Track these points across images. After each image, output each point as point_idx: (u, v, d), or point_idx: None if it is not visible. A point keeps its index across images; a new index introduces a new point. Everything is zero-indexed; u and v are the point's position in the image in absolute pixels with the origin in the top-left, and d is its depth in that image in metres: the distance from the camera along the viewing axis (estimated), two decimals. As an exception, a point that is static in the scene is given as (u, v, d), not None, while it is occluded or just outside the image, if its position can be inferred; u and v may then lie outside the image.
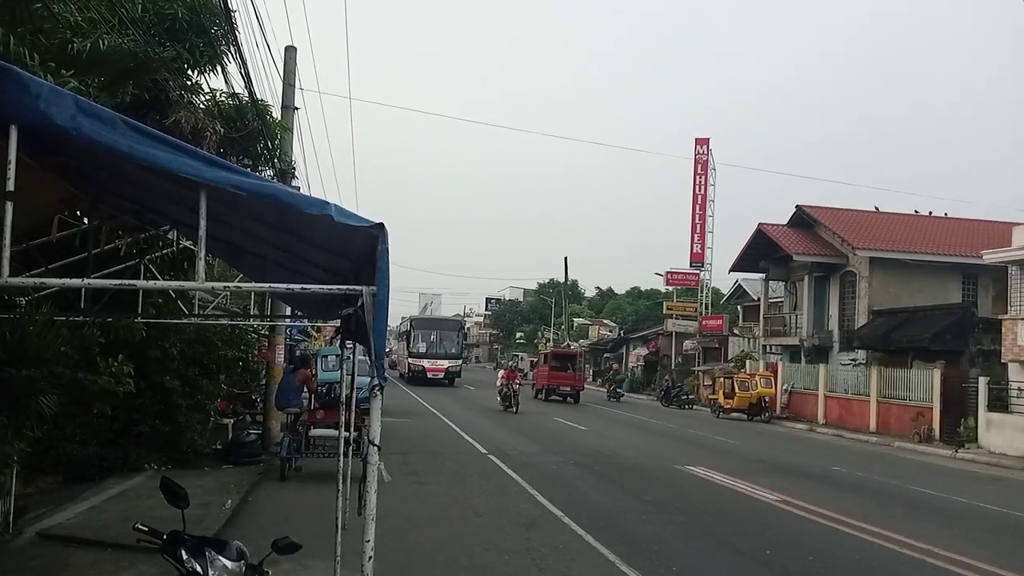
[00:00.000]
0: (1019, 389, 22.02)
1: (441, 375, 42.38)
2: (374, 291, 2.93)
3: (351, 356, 6.73)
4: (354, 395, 7.84)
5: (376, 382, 2.95)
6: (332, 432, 11.61)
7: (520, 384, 28.47)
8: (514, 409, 26.70)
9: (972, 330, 26.81)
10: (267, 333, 16.54)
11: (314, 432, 12.57)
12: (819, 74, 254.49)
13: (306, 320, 15.47)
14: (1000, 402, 22.46)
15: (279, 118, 14.76)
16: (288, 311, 14.22)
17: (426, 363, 42.55)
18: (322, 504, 9.18)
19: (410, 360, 43.62)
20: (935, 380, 24.80)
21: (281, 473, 12.16)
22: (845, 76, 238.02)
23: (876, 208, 38.21)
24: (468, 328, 52.36)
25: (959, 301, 31.05)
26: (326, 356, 17.92)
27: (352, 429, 8.61)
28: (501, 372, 31.11)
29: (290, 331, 22.24)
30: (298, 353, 19.36)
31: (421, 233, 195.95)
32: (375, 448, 3.08)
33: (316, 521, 8.33)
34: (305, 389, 13.20)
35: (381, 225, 2.87)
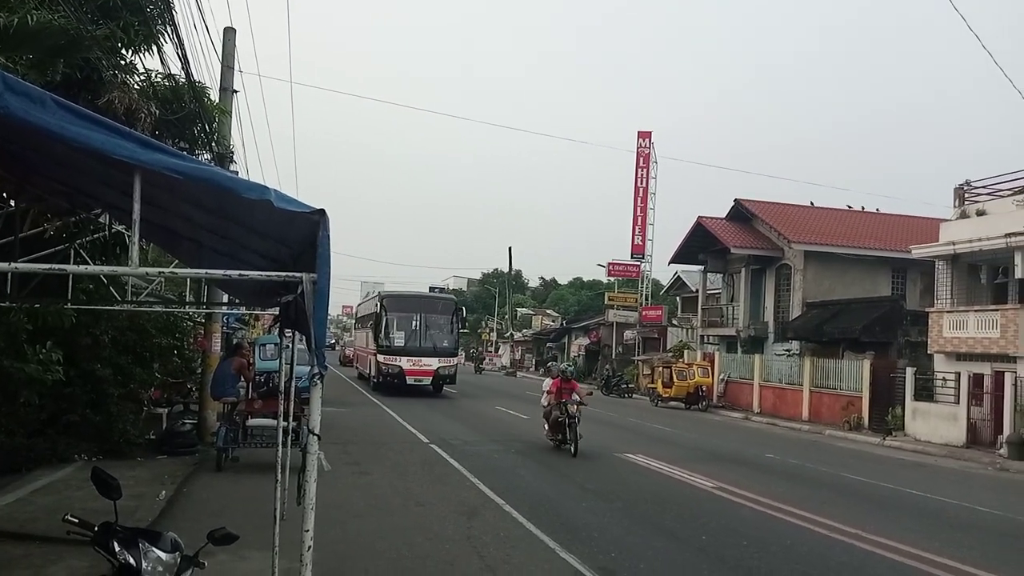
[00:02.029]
0: (943, 379, 22.91)
1: (427, 380, 28.05)
2: (314, 278, 2.89)
3: (290, 345, 6.63)
4: (293, 384, 7.73)
5: (316, 371, 2.92)
6: (270, 422, 11.45)
7: (582, 402, 16.05)
8: (572, 449, 15.12)
9: (900, 322, 27.80)
10: (203, 321, 16.19)
11: (252, 422, 12.38)
12: (770, 78, 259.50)
13: (243, 308, 15.19)
14: (926, 392, 23.37)
15: (217, 101, 14.41)
16: (225, 298, 13.93)
17: (405, 362, 27.95)
18: (260, 495, 9.04)
19: (380, 357, 28.42)
20: (865, 370, 25.65)
21: (217, 463, 11.94)
22: (790, 84, 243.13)
23: (811, 203, 39.22)
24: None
25: (889, 294, 32.13)
26: (264, 345, 17.63)
27: (291, 419, 8.51)
28: (548, 381, 17.53)
29: (227, 319, 21.79)
30: (235, 341, 18.98)
31: (364, 221, 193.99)
32: (315, 437, 3.05)
33: (254, 512, 8.20)
34: (242, 378, 12.97)
35: (322, 211, 2.83)
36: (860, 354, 27.12)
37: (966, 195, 24.83)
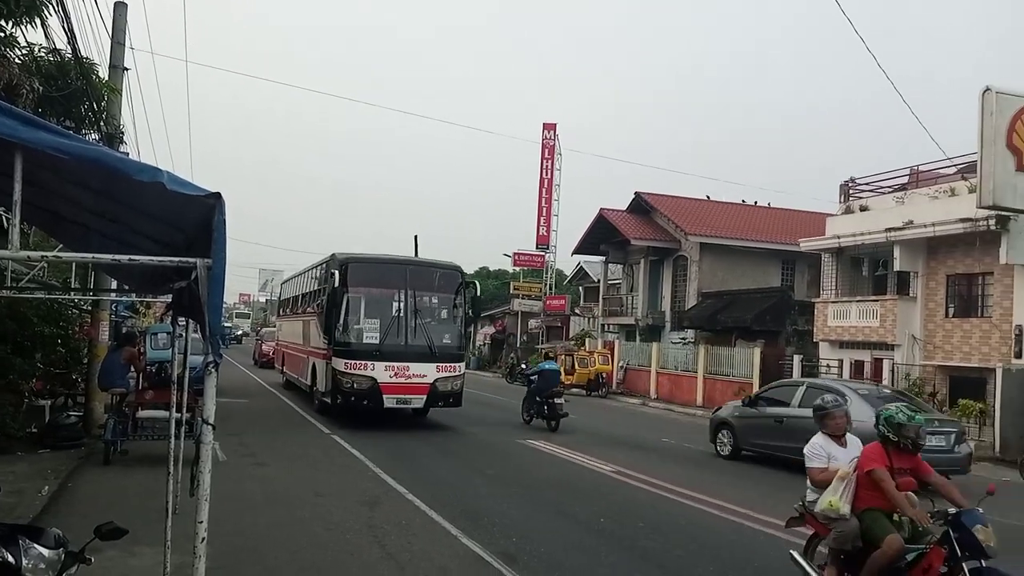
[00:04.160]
0: (828, 366, 24.21)
1: (418, 401, 16.84)
2: (209, 264, 2.83)
3: (184, 333, 6.43)
4: (187, 374, 7.51)
5: (212, 359, 2.85)
6: (162, 413, 11.05)
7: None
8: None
9: (789, 312, 29.17)
10: (90, 308, 15.43)
11: (142, 414, 11.92)
12: (671, 76, 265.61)
13: (134, 295, 14.58)
14: (812, 377, 24.59)
15: (107, 78, 13.72)
16: (113, 285, 13.33)
17: (381, 371, 16.32)
18: (151, 489, 8.75)
19: (338, 363, 16.40)
20: (755, 357, 26.82)
21: (105, 457, 11.43)
22: (689, 82, 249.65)
23: (707, 197, 40.53)
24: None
25: (778, 285, 33.64)
26: (156, 334, 16.97)
27: (185, 410, 8.25)
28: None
29: (116, 307, 20.85)
30: (124, 330, 18.20)
31: (265, 206, 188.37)
32: (209, 427, 2.99)
33: (145, 506, 7.94)
34: (132, 368, 12.46)
35: (218, 195, 2.76)
36: (751, 342, 28.35)
37: (851, 192, 26.22)
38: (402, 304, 16.81)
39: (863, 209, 25.04)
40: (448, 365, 16.82)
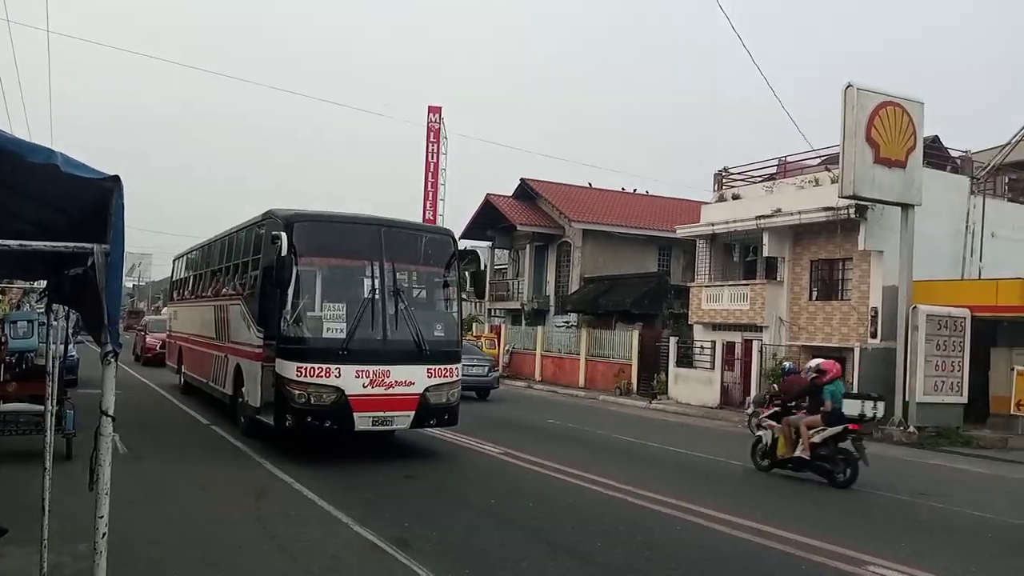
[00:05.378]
0: (701, 347, 25.33)
1: (403, 420, 11.57)
2: (107, 249, 2.70)
3: (57, 322, 6.07)
4: (57, 365, 7.08)
5: (110, 348, 2.73)
6: (26, 406, 10.36)
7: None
8: None
9: (665, 296, 30.32)
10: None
11: (4, 407, 11.14)
12: (558, 65, 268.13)
13: (-8, 281, 13.58)
14: (686, 359, 25.73)
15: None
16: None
17: (350, 378, 10.96)
18: (14, 486, 8.23)
19: (286, 367, 10.98)
20: (634, 340, 27.78)
21: (-38, 456, 10.61)
22: (576, 71, 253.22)
23: (590, 184, 41.42)
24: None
25: (656, 270, 34.89)
26: (15, 322, 15.89)
27: (55, 402, 7.79)
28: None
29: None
30: (-20, 319, 16.92)
31: (129, 187, 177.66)
32: (109, 419, 2.86)
33: (9, 504, 7.46)
34: (-10, 359, 11.64)
35: (116, 178, 2.63)
36: (630, 325, 29.32)
37: (724, 181, 27.45)
38: (377, 281, 11.54)
39: (735, 198, 26.26)
40: (442, 368, 11.84)
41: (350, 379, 10.98)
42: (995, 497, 11.65)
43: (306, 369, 10.89)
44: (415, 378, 11.48)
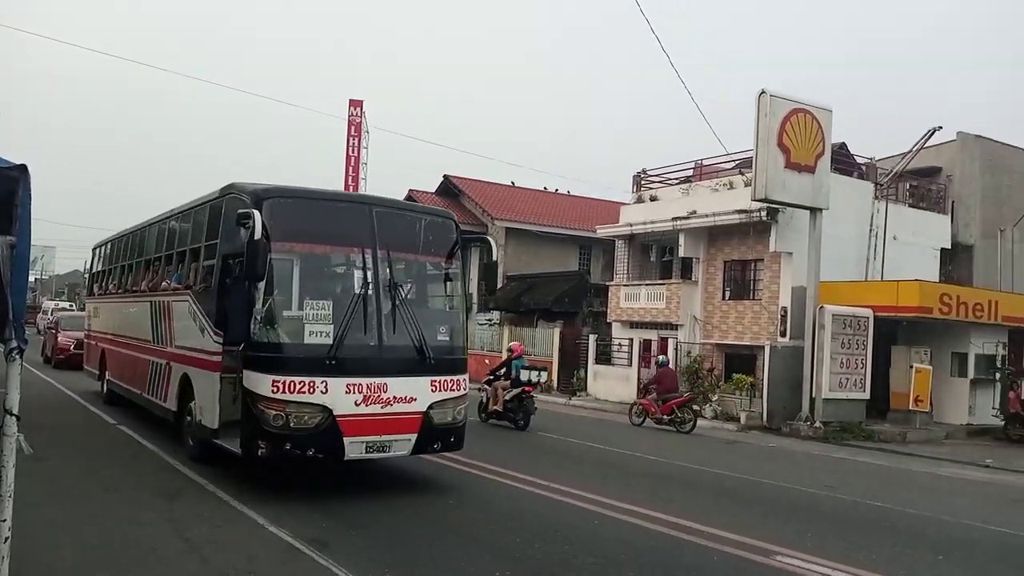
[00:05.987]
0: (619, 345, 25.81)
1: (404, 444, 9.36)
2: (12, 241, 2.58)
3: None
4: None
5: (15, 344, 2.61)
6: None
7: None
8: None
9: (586, 294, 30.74)
10: None
11: None
12: (484, 62, 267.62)
13: None
14: (605, 356, 26.19)
15: None
16: None
17: (339, 394, 8.74)
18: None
19: (255, 380, 8.67)
20: (555, 337, 28.12)
21: None
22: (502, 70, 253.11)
23: (512, 183, 41.63)
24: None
25: (576, 269, 35.33)
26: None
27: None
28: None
29: None
30: None
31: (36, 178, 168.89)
32: (14, 418, 2.74)
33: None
34: None
35: (23, 167, 2.51)
36: (551, 323, 29.61)
37: (642, 182, 28.01)
38: (369, 273, 9.38)
39: (653, 199, 26.84)
40: (449, 379, 9.75)
41: (339, 395, 8.79)
42: (893, 489, 12.29)
43: (285, 384, 8.61)
44: (417, 393, 9.36)
